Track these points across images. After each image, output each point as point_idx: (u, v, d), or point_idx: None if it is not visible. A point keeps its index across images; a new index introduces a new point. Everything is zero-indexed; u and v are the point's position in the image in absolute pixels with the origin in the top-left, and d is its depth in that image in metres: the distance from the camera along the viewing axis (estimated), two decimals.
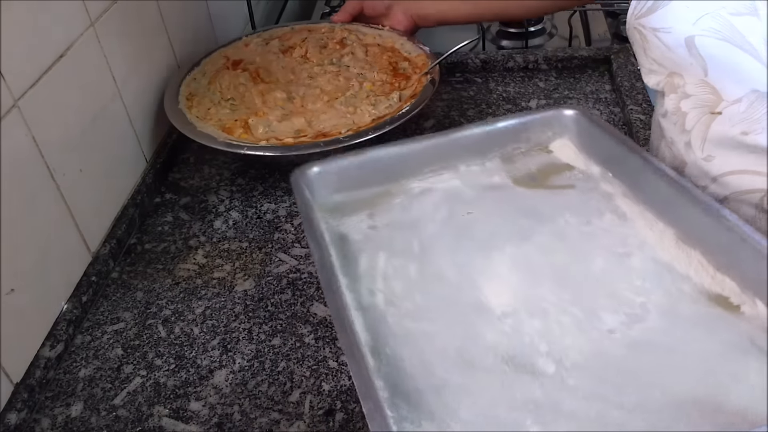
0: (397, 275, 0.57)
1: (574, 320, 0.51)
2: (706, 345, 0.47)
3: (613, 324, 0.50)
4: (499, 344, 0.50)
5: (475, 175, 0.66)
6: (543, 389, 0.46)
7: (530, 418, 0.44)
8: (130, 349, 0.63)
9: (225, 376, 0.59)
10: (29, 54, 0.60)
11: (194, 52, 0.93)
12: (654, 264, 0.54)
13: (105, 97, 0.73)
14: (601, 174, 0.63)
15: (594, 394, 0.45)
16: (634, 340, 0.49)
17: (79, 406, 0.58)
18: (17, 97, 0.58)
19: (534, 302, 0.53)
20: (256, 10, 1.16)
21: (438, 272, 0.57)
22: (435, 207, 0.63)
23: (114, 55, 0.74)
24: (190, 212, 0.78)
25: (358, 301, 0.54)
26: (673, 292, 0.51)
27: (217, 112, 0.80)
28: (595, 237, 0.58)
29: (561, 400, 0.45)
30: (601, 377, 0.47)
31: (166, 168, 0.85)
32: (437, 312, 0.53)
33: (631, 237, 0.57)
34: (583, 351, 0.48)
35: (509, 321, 0.51)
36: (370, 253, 0.59)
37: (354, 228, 0.61)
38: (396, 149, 0.66)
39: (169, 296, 0.67)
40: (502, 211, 0.62)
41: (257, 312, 0.65)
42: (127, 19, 0.77)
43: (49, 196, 0.63)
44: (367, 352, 0.49)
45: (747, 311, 0.49)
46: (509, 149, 0.68)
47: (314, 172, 0.63)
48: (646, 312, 0.51)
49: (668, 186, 0.56)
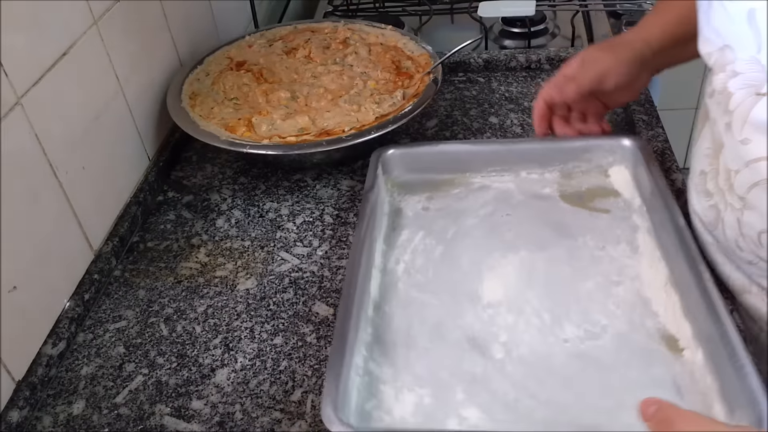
0: (424, 252, 0.67)
1: (541, 323, 0.58)
2: (637, 375, 0.53)
3: (570, 335, 0.57)
4: (471, 327, 0.59)
5: (531, 183, 0.73)
6: (484, 368, 0.55)
7: (462, 385, 0.54)
8: (132, 347, 0.63)
9: (227, 374, 0.59)
10: (32, 52, 0.60)
11: (197, 50, 0.93)
12: (634, 296, 0.60)
13: (108, 95, 0.73)
14: (639, 206, 0.69)
15: (520, 382, 0.54)
16: (580, 352, 0.56)
17: (80, 404, 0.58)
18: (20, 95, 0.58)
19: (517, 302, 0.61)
20: (259, 8, 1.16)
21: (456, 258, 0.66)
22: (484, 203, 0.72)
23: (117, 53, 0.74)
24: (192, 210, 0.78)
25: (384, 265, 0.66)
26: (635, 324, 0.57)
27: (221, 111, 0.80)
28: (601, 262, 0.64)
29: (492, 379, 0.54)
30: (534, 372, 0.54)
31: (169, 166, 0.85)
32: (439, 289, 0.63)
33: (629, 269, 0.63)
34: (533, 348, 0.56)
35: (490, 311, 0.60)
36: (412, 230, 0.69)
37: (411, 206, 0.72)
38: (467, 147, 0.76)
39: (171, 294, 0.67)
40: (536, 219, 0.69)
41: (259, 311, 0.65)
42: (130, 17, 0.77)
43: (52, 194, 0.63)
44: (370, 304, 0.61)
45: (687, 356, 0.54)
46: (570, 166, 0.74)
47: (391, 153, 0.74)
48: (603, 333, 0.57)
49: (676, 233, 0.60)
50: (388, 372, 0.55)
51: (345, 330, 0.54)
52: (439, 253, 0.66)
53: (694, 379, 0.52)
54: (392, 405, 0.53)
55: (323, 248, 0.71)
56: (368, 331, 0.59)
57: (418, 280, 0.64)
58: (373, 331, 0.59)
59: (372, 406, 0.53)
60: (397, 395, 0.54)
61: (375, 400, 0.53)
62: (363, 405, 0.53)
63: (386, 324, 0.60)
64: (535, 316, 0.59)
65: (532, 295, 0.61)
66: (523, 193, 0.72)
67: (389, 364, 0.56)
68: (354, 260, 0.61)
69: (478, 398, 0.53)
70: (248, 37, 0.94)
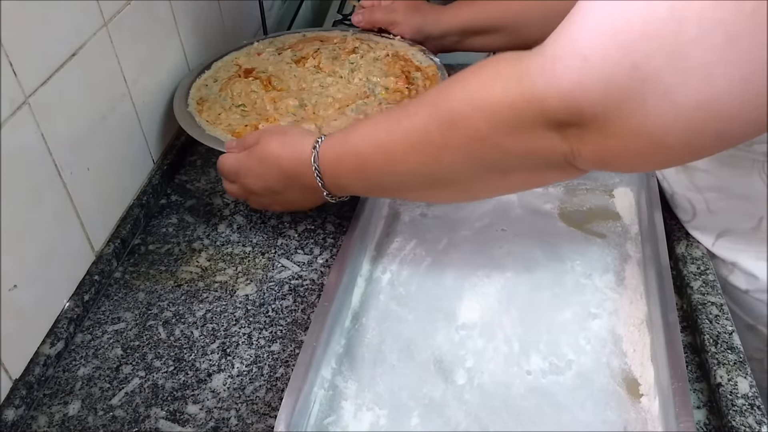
0: (412, 263, 0.67)
1: (509, 352, 0.58)
2: (588, 416, 0.53)
3: (534, 367, 0.57)
4: (440, 348, 0.59)
5: (533, 196, 0.73)
6: (443, 393, 0.55)
7: (419, 409, 0.54)
8: (130, 349, 0.63)
9: (223, 380, 0.59)
10: (42, 52, 0.61)
11: (205, 54, 0.93)
12: (607, 333, 0.59)
13: (115, 96, 0.74)
14: (636, 234, 0.68)
15: (474, 412, 0.54)
16: (539, 387, 0.55)
17: (76, 404, 0.58)
18: (28, 94, 0.59)
19: (491, 326, 0.60)
20: (269, 15, 1.17)
21: (441, 272, 0.65)
22: (482, 214, 0.71)
23: (125, 56, 0.75)
24: (195, 215, 0.78)
25: (371, 274, 0.65)
26: (601, 363, 0.57)
27: (228, 117, 0.80)
28: (584, 291, 0.63)
29: (449, 406, 0.54)
30: (490, 403, 0.54)
31: (173, 170, 0.85)
32: (418, 305, 0.63)
33: (609, 302, 0.62)
34: (495, 377, 0.56)
35: (462, 333, 0.60)
36: (405, 237, 0.69)
37: (409, 210, 0.72)
38: None
39: (171, 298, 0.67)
40: (529, 238, 0.68)
41: (258, 317, 0.65)
42: (140, 19, 0.78)
43: (56, 194, 0.63)
44: (349, 314, 0.61)
45: (644, 403, 0.53)
46: (575, 182, 0.74)
47: None
48: (567, 368, 0.57)
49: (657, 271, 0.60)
50: (352, 387, 0.56)
51: (315, 343, 0.54)
52: (426, 265, 0.66)
53: (646, 428, 0.52)
54: (349, 422, 0.53)
55: (324, 256, 0.71)
56: (341, 343, 0.59)
57: (400, 293, 0.64)
58: (346, 342, 0.59)
59: (330, 421, 0.54)
60: (356, 413, 0.54)
61: (334, 416, 0.54)
62: (323, 420, 0.54)
63: (360, 336, 0.60)
64: (504, 343, 0.59)
65: (507, 320, 0.61)
66: (522, 207, 0.72)
67: (355, 378, 0.56)
68: (338, 268, 0.61)
69: (431, 424, 0.53)
70: (257, 44, 0.94)
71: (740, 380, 0.54)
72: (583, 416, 0.53)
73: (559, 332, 0.59)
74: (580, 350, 0.58)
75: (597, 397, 0.54)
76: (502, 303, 0.62)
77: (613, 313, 0.60)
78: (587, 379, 0.55)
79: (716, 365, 0.55)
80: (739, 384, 0.54)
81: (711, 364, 0.55)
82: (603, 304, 0.61)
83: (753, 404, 0.52)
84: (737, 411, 0.52)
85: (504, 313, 0.61)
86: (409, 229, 0.70)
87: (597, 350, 0.57)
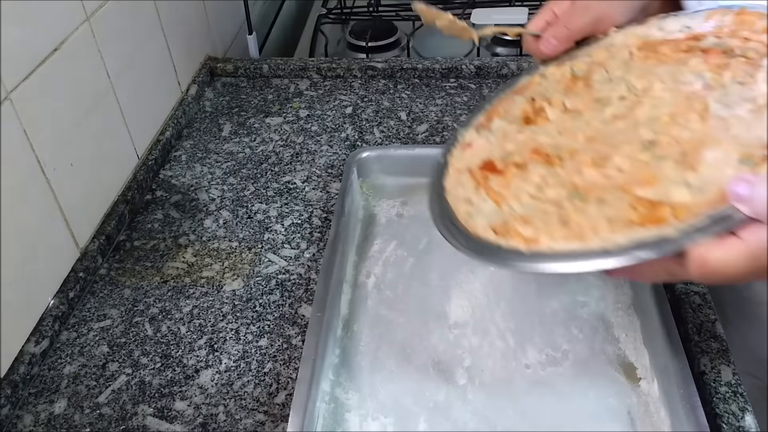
0: (395, 264, 0.66)
1: (505, 347, 0.58)
2: (592, 405, 0.54)
3: (532, 360, 0.57)
4: (437, 348, 0.58)
5: None
6: (447, 395, 0.55)
7: (425, 414, 0.54)
8: (116, 346, 0.62)
9: (211, 376, 0.59)
10: (23, 47, 0.60)
11: (189, 49, 0.92)
12: (597, 321, 0.60)
13: (98, 92, 0.73)
14: None
15: (480, 411, 0.54)
16: (539, 380, 0.56)
17: (62, 403, 0.58)
18: (9, 90, 0.58)
19: (483, 322, 0.60)
20: (253, 9, 1.16)
21: (426, 272, 0.65)
22: None
23: (108, 51, 0.74)
24: (180, 210, 0.78)
25: (355, 279, 0.65)
26: (595, 350, 0.57)
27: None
28: (567, 279, 0.63)
29: (454, 407, 0.54)
30: (494, 401, 0.54)
31: (158, 165, 0.84)
32: (407, 308, 0.62)
33: (595, 289, 0.62)
34: (495, 375, 0.56)
35: (456, 332, 0.60)
36: (384, 239, 0.69)
37: (384, 212, 0.72)
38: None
39: (157, 294, 0.67)
40: None
41: (245, 312, 0.65)
42: (123, 14, 0.77)
43: (39, 191, 0.63)
44: (340, 323, 0.60)
45: (643, 386, 0.54)
46: None
47: (366, 156, 0.73)
48: (564, 359, 0.57)
49: None
50: (354, 398, 0.55)
51: (314, 356, 0.54)
52: (409, 266, 0.66)
53: (649, 411, 0.53)
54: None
55: (311, 251, 0.71)
56: (336, 353, 0.59)
57: (387, 297, 0.64)
58: (341, 352, 0.59)
59: None
60: (362, 423, 0.54)
61: (340, 429, 0.53)
62: None
63: (354, 345, 0.59)
64: (499, 339, 0.59)
65: (498, 315, 0.61)
66: None
67: (355, 389, 0.56)
68: (324, 276, 0.60)
69: (439, 427, 0.53)
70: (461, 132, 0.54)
71: (723, 368, 0.55)
72: (586, 405, 0.53)
73: (551, 323, 0.60)
74: (574, 339, 0.58)
75: (598, 384, 0.55)
76: (491, 298, 0.62)
77: (601, 300, 0.61)
78: (585, 367, 0.56)
79: (699, 353, 0.56)
80: (723, 372, 0.55)
81: (695, 353, 0.56)
82: (589, 291, 0.62)
83: (736, 392, 0.53)
84: (720, 398, 0.53)
85: (494, 308, 0.61)
86: (387, 231, 0.70)
87: (590, 338, 0.58)
